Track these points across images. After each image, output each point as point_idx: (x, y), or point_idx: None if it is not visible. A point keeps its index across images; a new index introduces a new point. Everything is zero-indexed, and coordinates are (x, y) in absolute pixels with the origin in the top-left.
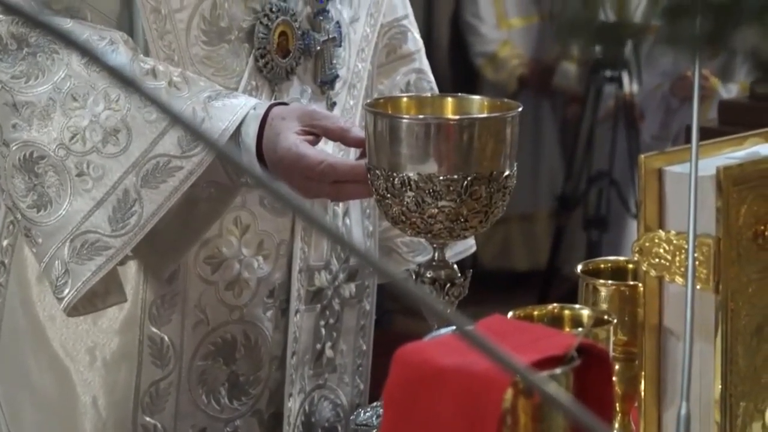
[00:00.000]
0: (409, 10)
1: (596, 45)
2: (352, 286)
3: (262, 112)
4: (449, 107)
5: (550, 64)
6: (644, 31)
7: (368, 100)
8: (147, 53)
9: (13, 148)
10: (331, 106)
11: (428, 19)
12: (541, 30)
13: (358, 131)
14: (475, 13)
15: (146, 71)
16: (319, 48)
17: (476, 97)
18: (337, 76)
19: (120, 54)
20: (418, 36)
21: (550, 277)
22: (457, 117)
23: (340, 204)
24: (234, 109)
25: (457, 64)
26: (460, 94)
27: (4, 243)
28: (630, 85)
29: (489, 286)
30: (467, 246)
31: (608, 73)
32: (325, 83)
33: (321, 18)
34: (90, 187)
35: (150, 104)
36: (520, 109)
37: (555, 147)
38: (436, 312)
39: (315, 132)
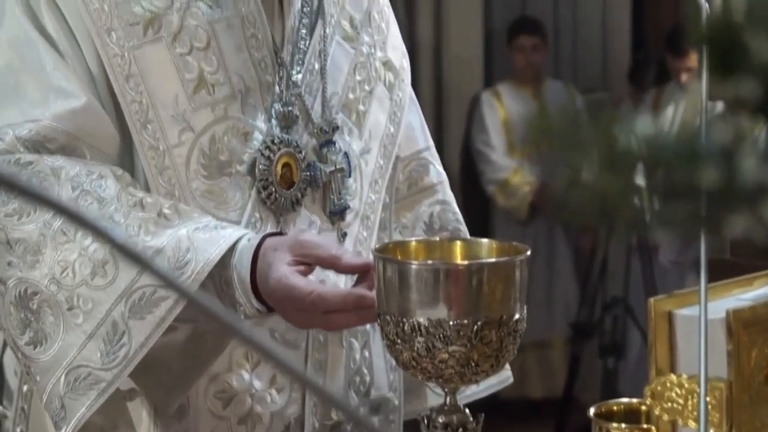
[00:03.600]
0: (430, 143)
1: (597, 226)
2: (375, 420)
3: (255, 243)
4: (458, 251)
5: (560, 191)
6: (644, 216)
7: (377, 245)
8: (147, 190)
9: (9, 286)
10: (342, 236)
11: (439, 147)
12: (551, 157)
13: (350, 258)
14: (486, 141)
15: (134, 203)
16: (326, 179)
17: (485, 241)
18: (347, 207)
19: (108, 188)
20: (440, 168)
21: (567, 405)
22: (466, 262)
23: (359, 336)
24: (218, 240)
25: (469, 191)
26: (469, 237)
27: (24, 388)
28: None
29: (505, 416)
30: (503, 378)
31: None
32: (335, 214)
33: (327, 150)
34: (81, 321)
35: (135, 236)
36: (528, 252)
37: (569, 273)
38: None
39: (307, 261)
